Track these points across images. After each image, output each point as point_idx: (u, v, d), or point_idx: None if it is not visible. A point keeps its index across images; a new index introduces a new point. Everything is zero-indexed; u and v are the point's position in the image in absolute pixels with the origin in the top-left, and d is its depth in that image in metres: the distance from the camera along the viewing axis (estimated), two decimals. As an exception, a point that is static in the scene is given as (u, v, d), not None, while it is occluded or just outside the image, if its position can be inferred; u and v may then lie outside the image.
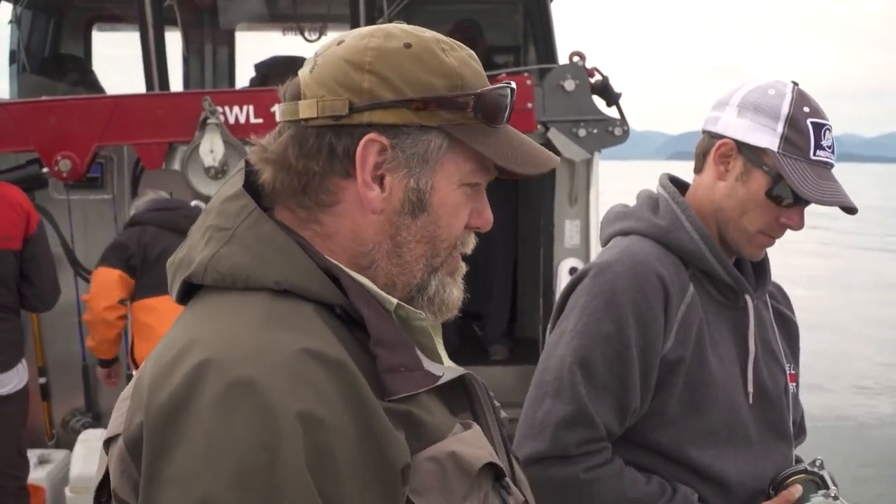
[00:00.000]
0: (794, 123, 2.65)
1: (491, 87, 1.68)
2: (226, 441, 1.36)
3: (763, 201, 2.69)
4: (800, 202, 2.69)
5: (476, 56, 1.73)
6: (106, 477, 1.57)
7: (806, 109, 2.67)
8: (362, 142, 1.60)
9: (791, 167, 2.64)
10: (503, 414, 1.89)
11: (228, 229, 1.62)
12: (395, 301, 1.66)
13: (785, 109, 2.66)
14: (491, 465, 1.62)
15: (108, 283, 6.12)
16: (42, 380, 7.26)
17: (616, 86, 7.00)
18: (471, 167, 1.70)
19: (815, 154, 2.66)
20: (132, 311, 6.16)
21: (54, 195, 7.05)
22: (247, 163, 1.73)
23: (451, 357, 1.82)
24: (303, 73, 1.67)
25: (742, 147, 2.70)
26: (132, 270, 6.08)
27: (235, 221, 1.62)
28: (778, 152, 2.65)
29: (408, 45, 1.63)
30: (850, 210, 2.69)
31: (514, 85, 1.73)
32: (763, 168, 2.67)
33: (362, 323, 1.58)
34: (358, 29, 1.70)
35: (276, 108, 1.69)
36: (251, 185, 1.69)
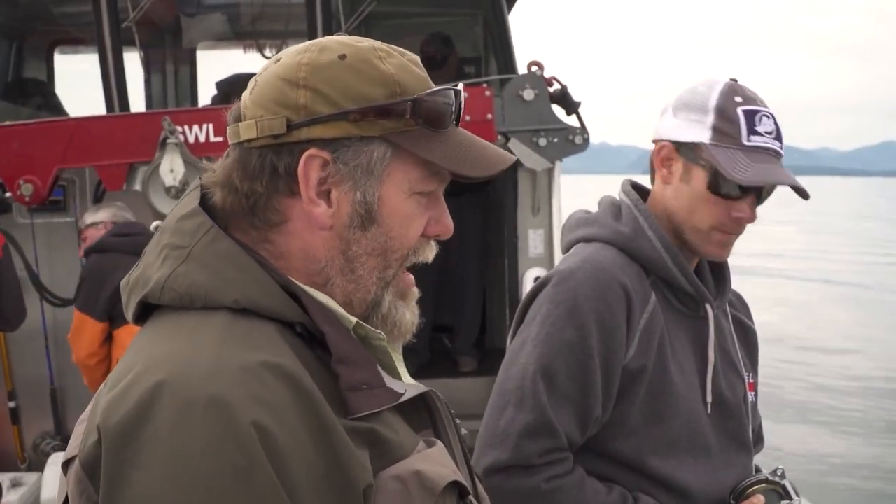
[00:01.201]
0: (722, 113, 2.63)
1: (428, 91, 1.66)
2: (186, 464, 1.34)
3: (708, 196, 2.67)
4: (747, 193, 2.67)
5: (418, 61, 1.72)
6: (66, 499, 1.54)
7: (738, 99, 2.65)
8: (303, 158, 1.59)
9: (723, 155, 2.61)
10: (464, 431, 1.88)
11: (185, 247, 1.60)
12: (353, 320, 1.65)
13: (713, 101, 2.65)
14: (454, 484, 1.60)
15: (92, 334, 6.15)
16: (12, 403, 7.23)
17: (590, 100, 7.04)
18: (420, 174, 1.68)
19: (748, 139, 2.62)
20: (116, 337, 6.15)
21: (18, 219, 7.03)
22: (202, 185, 1.71)
23: (421, 369, 1.82)
24: (244, 94, 1.67)
25: (680, 147, 2.70)
26: (113, 314, 6.08)
27: (192, 240, 1.61)
28: (710, 144, 2.64)
29: (342, 57, 1.62)
30: (800, 192, 2.67)
31: (459, 87, 1.72)
32: (700, 163, 2.66)
33: (323, 341, 1.57)
34: (296, 45, 1.69)
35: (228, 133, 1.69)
36: (206, 205, 1.68)
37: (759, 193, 2.69)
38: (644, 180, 2.92)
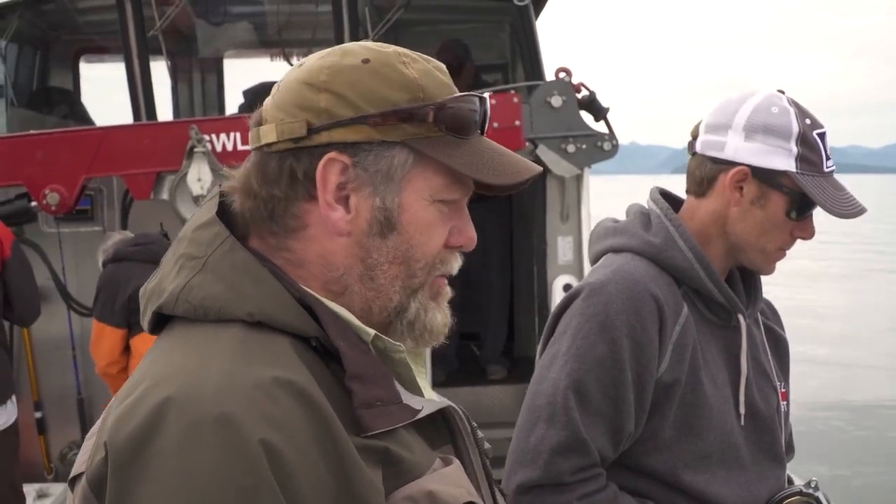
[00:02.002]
0: (805, 140, 2.62)
1: (453, 96, 1.64)
2: (192, 483, 1.32)
3: (782, 221, 2.66)
4: (811, 213, 2.67)
5: (444, 69, 1.69)
6: None
7: (808, 122, 2.64)
8: (322, 162, 1.56)
9: (813, 186, 2.61)
10: (487, 445, 1.84)
11: (201, 258, 1.58)
12: (372, 332, 1.61)
13: (795, 128, 2.62)
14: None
15: (112, 342, 6.16)
16: (38, 414, 7.24)
17: (619, 102, 7.04)
18: (442, 182, 1.65)
19: (826, 166, 2.64)
20: (133, 345, 6.15)
21: (44, 228, 7.06)
22: (222, 192, 1.69)
23: (450, 377, 1.78)
24: (267, 100, 1.65)
25: (756, 171, 2.65)
26: (130, 321, 6.09)
27: (208, 250, 1.58)
28: (797, 173, 2.62)
29: (366, 61, 1.59)
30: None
31: (485, 95, 1.69)
32: (783, 190, 2.63)
33: (338, 356, 1.54)
34: (320, 51, 1.67)
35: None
36: (226, 213, 1.66)
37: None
38: (672, 180, 2.88)
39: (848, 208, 2.62)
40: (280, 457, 1.35)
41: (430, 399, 1.68)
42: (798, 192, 2.62)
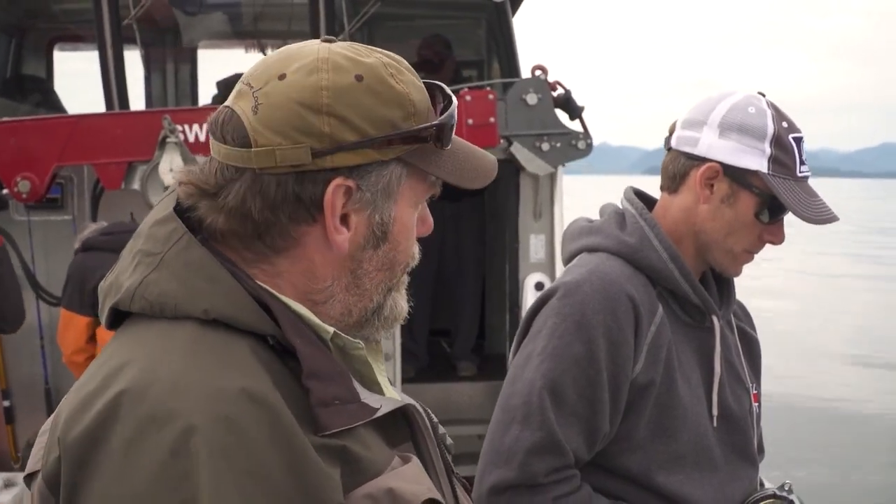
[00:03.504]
0: (779, 142, 2.63)
1: (447, 114, 1.64)
2: (138, 481, 1.32)
3: (753, 222, 2.67)
4: (782, 218, 2.69)
5: (413, 70, 1.68)
6: None
7: (785, 125, 2.65)
8: (331, 188, 1.55)
9: (784, 189, 2.62)
10: (449, 441, 1.85)
11: (157, 254, 1.57)
12: (331, 330, 1.62)
13: (770, 129, 2.63)
14: (430, 501, 1.57)
15: (77, 329, 6.11)
16: (6, 402, 7.20)
17: (591, 101, 7.01)
18: (424, 188, 1.68)
19: (800, 171, 2.65)
20: (98, 335, 6.12)
21: (14, 216, 7.00)
22: (178, 197, 1.66)
23: (419, 373, 1.79)
24: (242, 111, 1.57)
25: (727, 169, 2.66)
26: (97, 310, 6.04)
27: (164, 247, 1.57)
28: (768, 174, 2.62)
29: (359, 78, 1.56)
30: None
31: (455, 101, 1.68)
32: (752, 190, 2.64)
33: (295, 354, 1.53)
34: (292, 57, 1.60)
35: (214, 146, 1.61)
36: (184, 211, 1.63)
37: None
38: (644, 181, 2.88)
39: (818, 214, 2.63)
40: (231, 456, 1.34)
41: (389, 397, 1.68)
42: (768, 193, 2.63)
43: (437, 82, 1.72)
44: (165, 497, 1.31)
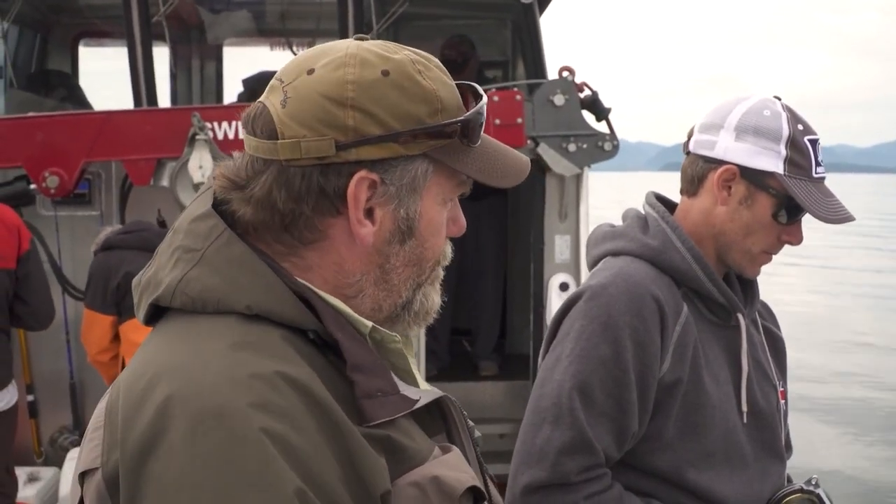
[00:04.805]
0: (795, 144, 2.66)
1: (473, 110, 1.65)
2: (201, 477, 1.33)
3: (769, 223, 2.70)
4: (800, 219, 2.71)
5: (444, 69, 1.70)
6: None
7: (800, 127, 2.68)
8: (353, 181, 1.57)
9: (800, 189, 2.65)
10: (477, 433, 1.88)
11: (198, 250, 1.58)
12: (369, 324, 1.64)
13: (785, 131, 2.67)
14: (471, 489, 1.59)
15: (102, 329, 6.13)
16: (30, 397, 7.20)
17: (609, 98, 6.99)
18: (452, 185, 1.69)
19: (815, 172, 2.67)
20: (122, 332, 6.13)
21: (42, 211, 7.01)
22: (215, 193, 1.68)
23: (441, 372, 1.80)
24: (272, 105, 1.60)
25: (745, 171, 2.70)
26: (120, 308, 6.06)
27: (205, 243, 1.59)
28: (784, 175, 2.66)
29: (385, 73, 1.58)
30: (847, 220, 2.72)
31: (485, 98, 1.70)
32: (769, 191, 2.68)
33: (337, 347, 1.55)
34: (324, 53, 1.63)
35: (246, 139, 1.64)
36: (219, 208, 1.65)
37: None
38: (661, 178, 2.90)
39: (834, 214, 2.66)
40: (285, 442, 1.36)
41: (425, 389, 1.71)
42: (784, 194, 2.66)
43: (468, 82, 1.73)
44: (226, 485, 1.32)
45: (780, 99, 2.75)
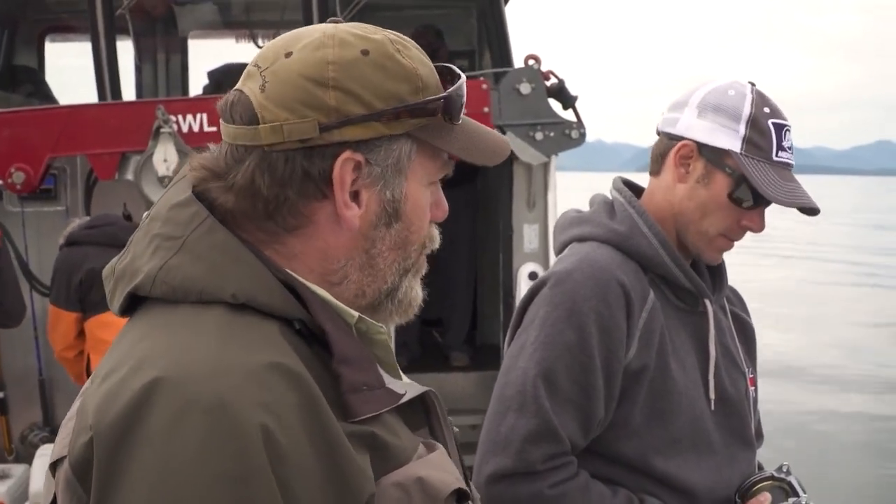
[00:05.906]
0: (755, 124, 2.64)
1: (454, 87, 1.63)
2: (181, 469, 1.30)
3: (725, 203, 2.68)
4: (761, 204, 2.68)
5: (422, 50, 1.68)
6: (54, 500, 1.49)
7: (766, 110, 2.67)
8: (338, 162, 1.54)
9: (754, 169, 2.63)
10: (455, 429, 1.84)
11: (178, 238, 1.53)
12: (356, 314, 1.61)
13: (746, 110, 2.65)
14: (458, 491, 1.57)
15: (66, 325, 6.11)
16: (0, 394, 7.18)
17: (587, 99, 6.98)
18: (436, 165, 1.67)
19: (777, 155, 2.66)
20: (87, 328, 6.10)
21: (8, 208, 6.98)
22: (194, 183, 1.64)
23: (412, 364, 1.79)
24: (250, 90, 1.57)
25: (703, 149, 2.69)
26: (84, 304, 6.03)
27: (186, 230, 1.54)
28: (741, 154, 2.64)
29: (365, 52, 1.56)
30: (812, 211, 2.69)
31: (463, 76, 1.68)
32: (725, 170, 2.66)
33: (323, 338, 1.52)
34: (300, 36, 1.61)
35: (224, 128, 1.60)
36: (199, 196, 1.61)
37: (767, 204, 2.69)
38: (637, 178, 2.91)
39: (789, 197, 2.64)
40: (276, 442, 1.33)
41: (409, 383, 1.68)
42: (741, 174, 2.65)
43: (445, 64, 1.71)
44: (210, 478, 1.30)
45: (754, 85, 2.74)
